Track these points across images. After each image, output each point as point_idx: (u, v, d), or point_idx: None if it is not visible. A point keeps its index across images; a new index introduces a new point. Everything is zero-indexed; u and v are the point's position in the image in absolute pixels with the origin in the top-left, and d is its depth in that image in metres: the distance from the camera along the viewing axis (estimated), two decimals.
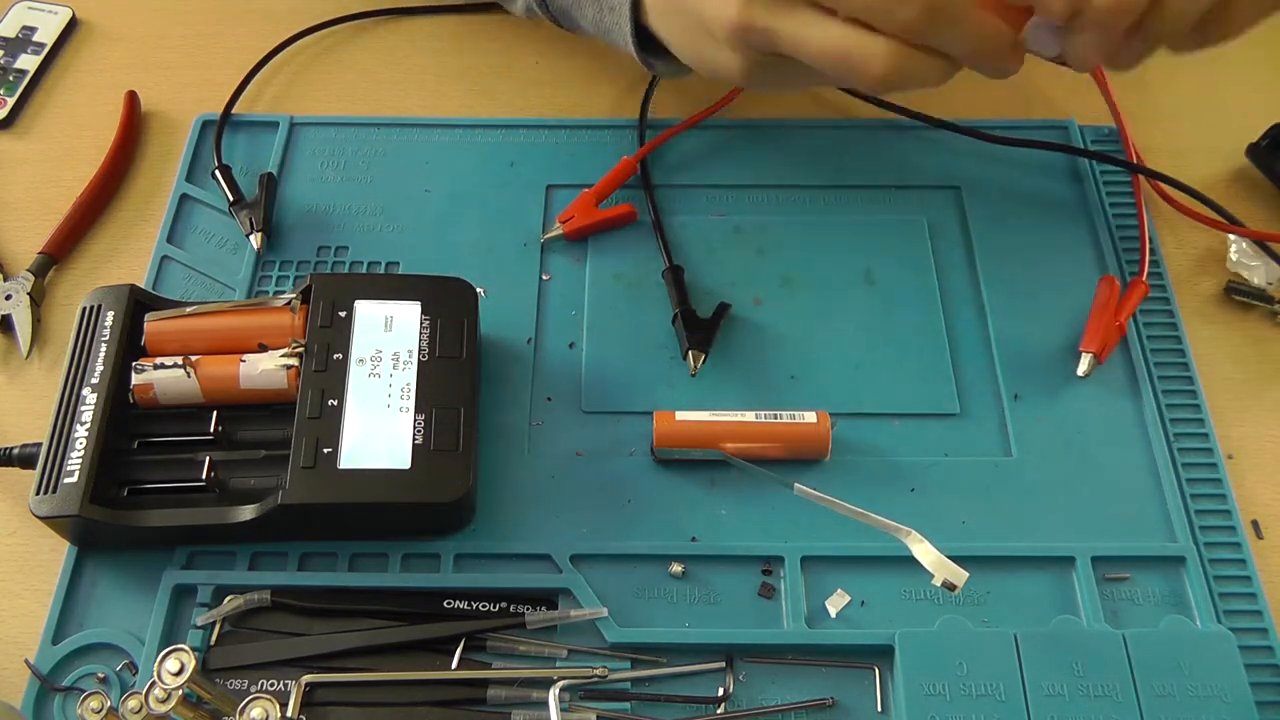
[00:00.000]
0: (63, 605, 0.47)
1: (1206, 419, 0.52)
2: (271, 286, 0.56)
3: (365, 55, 0.67)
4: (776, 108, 0.64)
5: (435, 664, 0.45)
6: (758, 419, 0.50)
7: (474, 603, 0.47)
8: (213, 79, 0.64)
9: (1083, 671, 0.44)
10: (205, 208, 0.59)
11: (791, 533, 0.49)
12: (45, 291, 0.57)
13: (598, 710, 0.44)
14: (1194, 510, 0.49)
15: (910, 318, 0.55)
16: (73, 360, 0.48)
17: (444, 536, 0.49)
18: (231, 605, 0.46)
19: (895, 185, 0.60)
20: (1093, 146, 0.62)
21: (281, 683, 0.45)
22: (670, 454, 0.50)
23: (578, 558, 0.48)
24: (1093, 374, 0.53)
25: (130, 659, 0.46)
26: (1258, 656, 0.45)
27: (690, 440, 0.50)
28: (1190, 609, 0.47)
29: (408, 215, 0.59)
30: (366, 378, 0.48)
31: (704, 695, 0.45)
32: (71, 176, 0.60)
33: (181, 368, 0.48)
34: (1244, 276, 0.57)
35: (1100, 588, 0.47)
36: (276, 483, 0.46)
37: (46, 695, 0.45)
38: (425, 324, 0.49)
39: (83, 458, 0.46)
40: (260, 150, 0.61)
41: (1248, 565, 0.48)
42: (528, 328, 0.55)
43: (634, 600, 0.47)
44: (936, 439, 0.51)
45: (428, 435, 0.46)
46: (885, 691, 0.45)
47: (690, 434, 0.50)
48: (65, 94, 0.65)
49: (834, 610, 0.47)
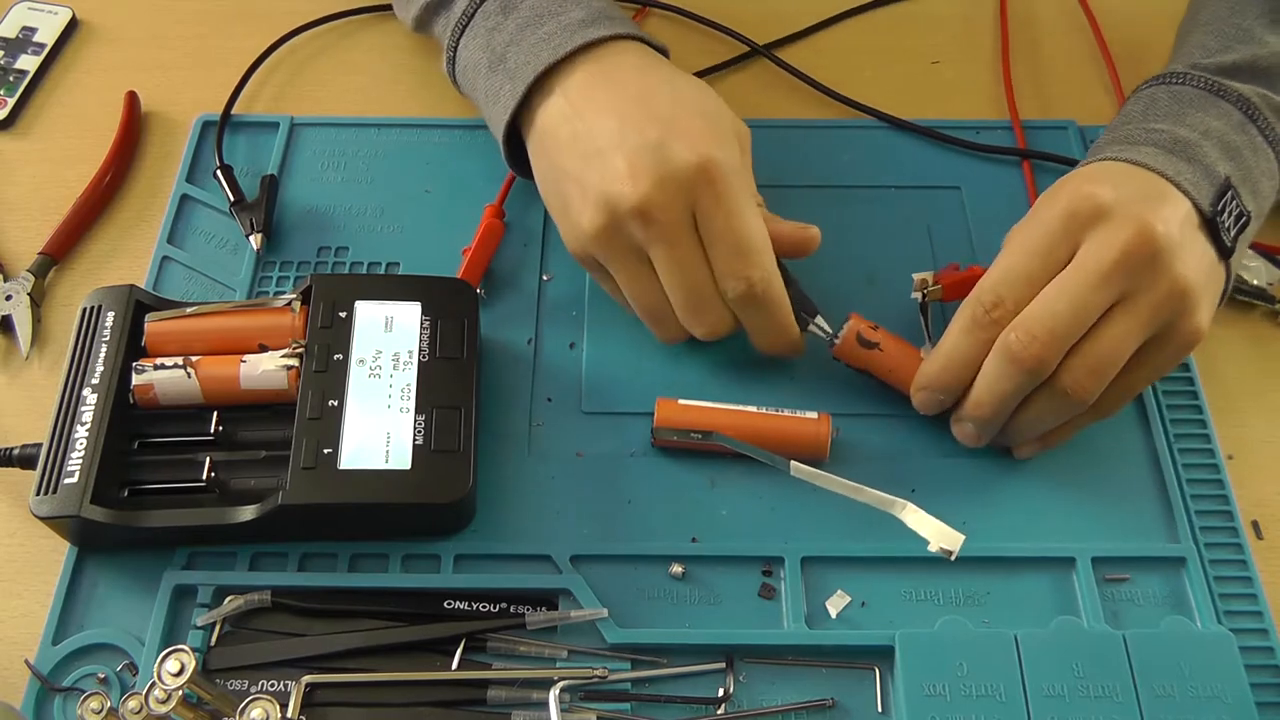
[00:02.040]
0: (63, 605, 0.47)
1: (1206, 419, 0.52)
2: (272, 287, 0.56)
3: (366, 56, 0.67)
4: (777, 108, 0.64)
5: (435, 664, 0.45)
6: (760, 411, 0.50)
7: (474, 603, 0.47)
8: (213, 79, 0.64)
9: (1083, 672, 0.44)
10: (205, 208, 0.59)
11: (791, 533, 0.49)
12: (45, 292, 0.57)
13: (598, 711, 0.44)
14: (1194, 510, 0.49)
15: (910, 318, 0.55)
16: (73, 361, 0.48)
17: (444, 537, 0.49)
18: (232, 606, 0.46)
19: (895, 185, 0.60)
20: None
21: (281, 683, 0.45)
22: (669, 435, 0.50)
23: (578, 558, 0.48)
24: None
25: (130, 659, 0.46)
26: (1258, 657, 0.45)
27: (689, 423, 0.50)
28: (1190, 610, 0.47)
29: (408, 215, 0.59)
30: (367, 378, 0.48)
31: (704, 696, 0.45)
32: (71, 176, 0.60)
33: (182, 368, 0.48)
34: (1243, 276, 0.57)
35: (1100, 588, 0.47)
36: (277, 483, 0.46)
37: (46, 695, 0.45)
38: (425, 324, 0.49)
39: (83, 458, 0.46)
40: (261, 150, 0.61)
41: (1248, 566, 0.48)
42: (528, 328, 0.55)
43: (634, 601, 0.47)
44: (936, 439, 0.51)
45: (428, 436, 0.46)
46: (885, 692, 0.45)
47: (690, 419, 0.50)
48: (65, 94, 0.65)
49: (834, 611, 0.47)
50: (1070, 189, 0.46)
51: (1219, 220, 0.46)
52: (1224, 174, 0.47)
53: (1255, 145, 0.49)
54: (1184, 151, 0.47)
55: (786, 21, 0.68)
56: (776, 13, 0.68)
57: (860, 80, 0.64)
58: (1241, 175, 0.48)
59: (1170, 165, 0.47)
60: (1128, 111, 0.52)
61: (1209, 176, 0.47)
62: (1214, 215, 0.46)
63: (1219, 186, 0.47)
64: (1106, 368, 0.45)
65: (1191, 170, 0.47)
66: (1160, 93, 0.51)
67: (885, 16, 0.69)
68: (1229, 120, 0.49)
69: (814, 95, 0.65)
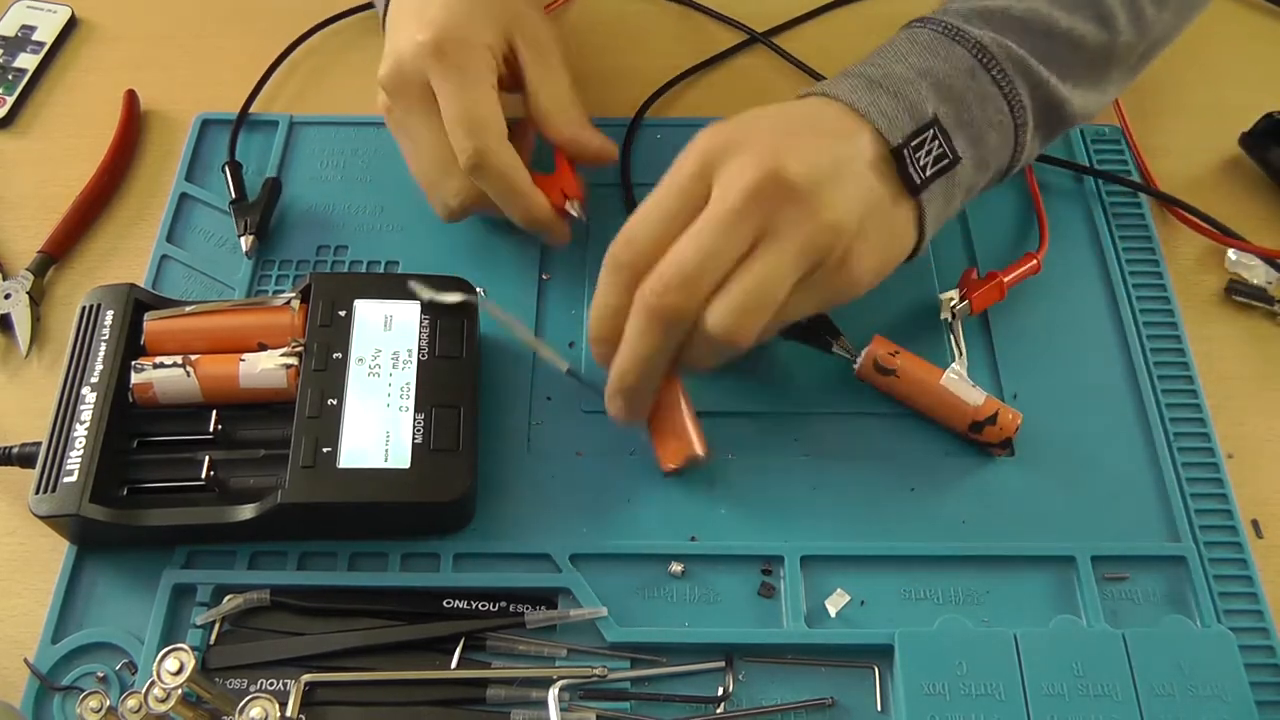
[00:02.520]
0: (62, 604, 0.47)
1: (1206, 419, 0.52)
2: (271, 286, 0.56)
3: (366, 55, 0.67)
4: (777, 98, 0.64)
5: (435, 663, 0.45)
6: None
7: (474, 602, 0.47)
8: (213, 79, 0.64)
9: (1083, 671, 0.44)
10: (205, 207, 0.59)
11: (791, 533, 0.49)
12: (45, 291, 0.57)
13: (597, 710, 0.44)
14: (1194, 510, 0.49)
15: (912, 318, 0.55)
16: (72, 359, 0.48)
17: (444, 536, 0.48)
18: (231, 605, 0.46)
19: None
20: (1094, 147, 0.62)
21: (281, 682, 0.45)
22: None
23: (578, 557, 0.48)
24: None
25: (130, 658, 0.46)
26: (1258, 656, 0.45)
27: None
28: (1190, 609, 0.47)
29: (408, 215, 0.59)
30: (366, 377, 0.48)
31: (704, 695, 0.45)
32: (71, 176, 0.60)
33: (181, 367, 0.48)
34: (1243, 276, 0.57)
35: (1100, 587, 0.47)
36: (276, 482, 0.46)
37: (46, 694, 0.45)
38: (425, 323, 0.49)
39: (82, 457, 0.46)
40: (260, 150, 0.61)
41: (1248, 565, 0.48)
42: (528, 328, 0.55)
43: (634, 600, 0.47)
44: (936, 439, 0.51)
45: (427, 435, 0.46)
46: (885, 691, 0.45)
47: None
48: (65, 93, 0.65)
49: (834, 610, 0.47)
50: (710, 128, 0.45)
51: (907, 153, 0.44)
52: (931, 112, 0.45)
53: (984, 93, 0.47)
54: (890, 85, 0.46)
55: (784, 9, 0.68)
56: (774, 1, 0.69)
57: None
58: (957, 119, 0.46)
59: (865, 97, 0.45)
60: (867, 54, 0.49)
61: (911, 111, 0.45)
62: (902, 147, 0.44)
63: (922, 122, 0.45)
64: (754, 306, 0.42)
65: (892, 103, 0.45)
66: (900, 36, 0.49)
67: (885, 10, 0.69)
68: (957, 64, 0.47)
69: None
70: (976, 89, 0.47)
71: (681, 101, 0.64)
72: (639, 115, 0.62)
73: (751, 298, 0.42)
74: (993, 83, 0.47)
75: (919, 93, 0.46)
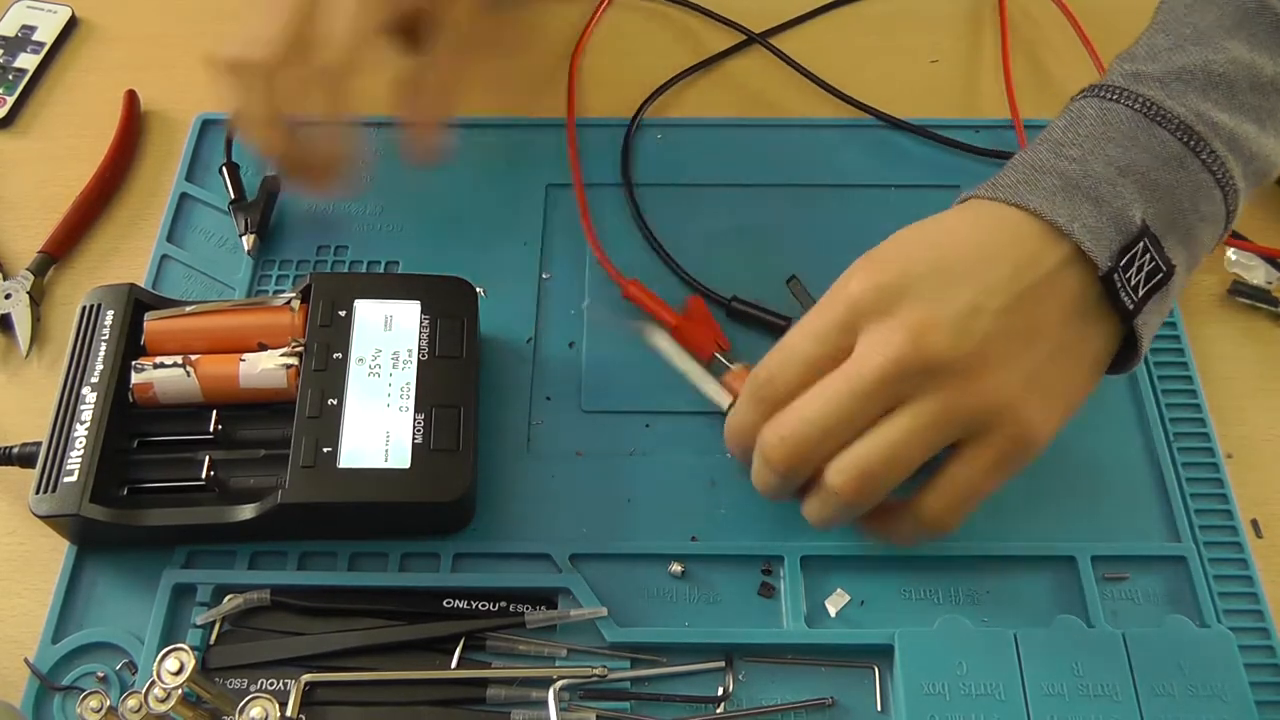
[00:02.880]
0: (62, 604, 0.47)
1: (1206, 419, 0.52)
2: (271, 286, 0.56)
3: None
4: (776, 108, 0.64)
5: (435, 663, 0.45)
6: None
7: (473, 602, 0.47)
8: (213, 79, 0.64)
9: (1083, 671, 0.44)
10: (205, 207, 0.59)
11: (791, 533, 0.49)
12: (45, 290, 0.57)
13: (597, 710, 0.44)
14: (1194, 510, 0.49)
15: None
16: (72, 359, 0.48)
17: (444, 536, 0.49)
18: (231, 604, 0.46)
19: (895, 185, 0.60)
20: None
21: (281, 682, 0.45)
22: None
23: (577, 557, 0.48)
24: None
25: (130, 658, 0.46)
26: (1258, 656, 0.45)
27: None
28: (1190, 609, 0.47)
29: (408, 215, 0.59)
30: (366, 377, 0.48)
31: (703, 695, 0.45)
32: (71, 176, 0.60)
33: (181, 367, 0.48)
34: (1243, 276, 0.57)
35: (1100, 587, 0.47)
36: (276, 482, 0.46)
37: (46, 694, 0.45)
38: (425, 323, 0.49)
39: (82, 457, 0.46)
40: None
41: (1248, 565, 0.48)
42: (528, 328, 0.55)
43: (634, 600, 0.47)
44: None
45: (427, 435, 0.46)
46: (885, 691, 0.45)
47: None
48: (65, 93, 0.65)
49: (834, 610, 0.47)
50: (866, 265, 0.41)
51: (1117, 275, 0.39)
52: (1139, 218, 0.40)
53: (1195, 183, 0.41)
54: (1089, 188, 0.41)
55: (781, 11, 0.68)
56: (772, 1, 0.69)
57: (859, 79, 0.64)
58: (1168, 221, 0.41)
59: (1065, 208, 0.40)
60: (1052, 126, 0.44)
61: (1116, 221, 0.40)
62: (1112, 270, 0.39)
63: (1130, 235, 0.40)
64: (877, 472, 0.40)
65: (1094, 213, 0.40)
66: (1089, 114, 0.43)
67: (883, 11, 0.69)
68: (1161, 153, 0.41)
69: (811, 88, 0.64)
70: (1187, 180, 0.41)
71: (680, 102, 0.64)
72: (637, 115, 0.62)
73: (874, 464, 0.40)
74: (1203, 168, 0.41)
75: (1123, 197, 0.40)
